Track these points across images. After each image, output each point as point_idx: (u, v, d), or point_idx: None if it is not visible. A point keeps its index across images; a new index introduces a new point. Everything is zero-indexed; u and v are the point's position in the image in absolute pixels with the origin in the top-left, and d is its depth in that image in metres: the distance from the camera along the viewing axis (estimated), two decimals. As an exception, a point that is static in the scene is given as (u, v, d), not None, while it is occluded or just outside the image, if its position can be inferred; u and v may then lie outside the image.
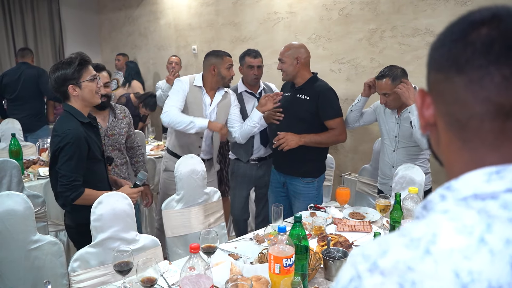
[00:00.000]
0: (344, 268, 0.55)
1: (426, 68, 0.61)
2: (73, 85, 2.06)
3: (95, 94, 2.13)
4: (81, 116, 2.11)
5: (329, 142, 2.81)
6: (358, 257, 0.53)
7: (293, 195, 2.87)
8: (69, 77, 2.04)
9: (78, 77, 2.06)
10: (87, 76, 2.09)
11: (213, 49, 3.05)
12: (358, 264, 0.52)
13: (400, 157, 2.68)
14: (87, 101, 2.12)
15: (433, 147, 0.65)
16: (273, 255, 1.53)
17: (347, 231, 2.20)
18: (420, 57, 3.09)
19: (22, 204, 2.06)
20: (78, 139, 2.03)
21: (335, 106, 2.73)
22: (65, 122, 2.08)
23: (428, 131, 0.63)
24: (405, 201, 2.04)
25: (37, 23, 6.93)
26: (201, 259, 1.45)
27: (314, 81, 2.76)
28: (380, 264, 0.50)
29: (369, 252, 0.52)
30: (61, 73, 2.05)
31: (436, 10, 3.01)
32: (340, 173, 3.79)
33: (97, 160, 2.20)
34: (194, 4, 5.32)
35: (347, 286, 0.52)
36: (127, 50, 6.75)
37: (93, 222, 1.93)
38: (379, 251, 0.51)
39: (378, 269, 0.50)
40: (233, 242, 2.15)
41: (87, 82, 2.09)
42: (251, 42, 4.56)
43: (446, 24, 0.59)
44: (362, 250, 0.54)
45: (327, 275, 1.76)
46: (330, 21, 3.76)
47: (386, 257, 0.50)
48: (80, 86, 2.08)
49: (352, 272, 0.52)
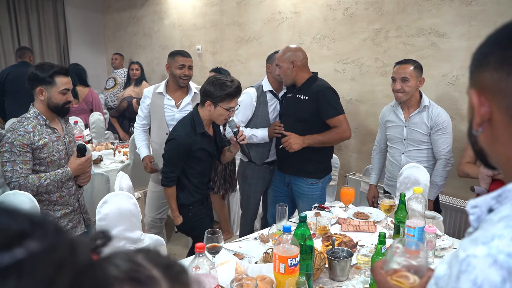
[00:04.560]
0: (478, 273, 0.55)
1: (474, 70, 0.68)
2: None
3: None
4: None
5: (334, 141, 2.78)
6: (502, 256, 0.54)
7: (297, 195, 2.87)
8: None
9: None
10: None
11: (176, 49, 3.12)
12: (507, 263, 0.53)
13: (409, 160, 2.69)
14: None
15: (484, 143, 0.69)
16: (278, 254, 1.53)
17: (351, 231, 2.20)
18: (425, 56, 3.08)
19: (28, 204, 2.07)
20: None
21: (335, 104, 2.69)
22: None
23: (481, 128, 0.68)
24: (409, 201, 2.04)
25: (42, 23, 6.95)
26: (206, 259, 1.46)
27: (313, 81, 2.75)
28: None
29: (511, 249, 0.54)
30: (210, 89, 2.36)
31: (441, 10, 3.00)
32: (344, 173, 3.79)
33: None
34: (198, 4, 5.32)
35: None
36: (132, 50, 6.77)
37: (98, 222, 1.94)
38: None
39: None
40: (238, 241, 2.16)
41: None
42: (255, 42, 4.57)
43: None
44: (496, 249, 0.55)
45: (332, 275, 1.76)
46: (334, 21, 3.76)
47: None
48: (215, 106, 2.38)
49: (502, 272, 0.53)
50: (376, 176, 2.99)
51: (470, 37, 2.87)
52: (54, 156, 2.26)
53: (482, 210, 0.64)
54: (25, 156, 2.13)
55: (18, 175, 2.11)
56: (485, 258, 0.55)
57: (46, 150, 2.22)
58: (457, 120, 2.98)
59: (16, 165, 2.11)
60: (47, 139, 2.23)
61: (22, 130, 2.15)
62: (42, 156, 2.21)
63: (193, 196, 2.49)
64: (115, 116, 4.95)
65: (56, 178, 2.20)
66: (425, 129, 2.64)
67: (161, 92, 2.99)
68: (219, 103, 2.32)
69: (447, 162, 2.64)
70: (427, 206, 2.34)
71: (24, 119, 2.21)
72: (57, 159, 2.28)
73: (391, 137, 2.82)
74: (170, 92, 3.02)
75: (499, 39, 0.65)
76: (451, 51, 2.99)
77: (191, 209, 2.52)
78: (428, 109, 2.64)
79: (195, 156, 2.41)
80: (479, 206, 0.64)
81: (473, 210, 0.65)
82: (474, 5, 2.83)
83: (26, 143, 2.13)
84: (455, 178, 2.87)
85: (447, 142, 2.63)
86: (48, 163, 2.24)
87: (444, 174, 2.66)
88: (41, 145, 2.19)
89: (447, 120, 2.63)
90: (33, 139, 2.16)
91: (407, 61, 2.64)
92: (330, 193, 3.51)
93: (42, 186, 2.16)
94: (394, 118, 2.78)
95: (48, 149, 2.23)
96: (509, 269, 0.53)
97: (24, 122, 2.19)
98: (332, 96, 2.71)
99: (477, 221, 0.65)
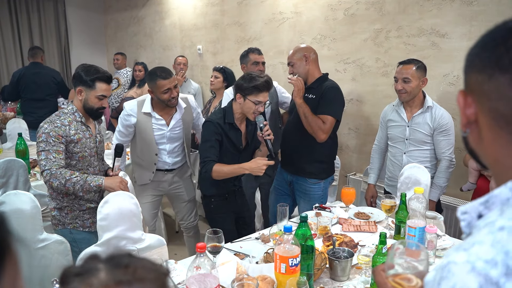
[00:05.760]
0: (457, 280, 0.55)
1: (465, 71, 0.68)
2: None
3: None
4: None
5: (310, 125, 2.61)
6: (480, 263, 0.54)
7: (298, 194, 2.87)
8: None
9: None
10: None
11: (158, 66, 2.87)
12: (484, 270, 0.54)
13: (411, 160, 2.68)
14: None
15: (473, 144, 0.70)
16: (279, 254, 1.53)
17: (352, 231, 2.20)
18: (426, 57, 3.08)
19: (29, 203, 2.07)
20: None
21: (334, 105, 2.66)
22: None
23: (468, 129, 0.69)
24: (410, 201, 2.04)
25: (43, 24, 6.96)
26: (207, 259, 1.45)
27: (323, 80, 2.74)
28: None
29: (489, 256, 0.54)
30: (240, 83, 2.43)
31: (442, 10, 3.00)
32: (345, 173, 3.79)
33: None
34: (199, 4, 5.32)
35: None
36: (133, 50, 6.78)
37: (100, 222, 1.94)
38: (502, 252, 0.54)
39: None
40: (239, 241, 2.16)
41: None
42: (256, 42, 4.56)
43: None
44: (475, 256, 0.55)
45: (333, 275, 1.76)
46: (335, 21, 3.75)
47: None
48: (245, 99, 2.44)
49: (479, 279, 0.54)
50: (375, 175, 2.99)
51: (471, 37, 2.87)
52: (85, 152, 2.34)
53: (472, 216, 0.64)
54: (58, 147, 2.20)
55: (51, 163, 2.17)
56: (464, 264, 0.56)
57: (79, 145, 2.30)
58: (458, 121, 2.98)
59: (50, 154, 2.18)
60: (81, 135, 2.31)
61: (59, 122, 2.24)
62: (75, 151, 2.29)
63: (215, 189, 2.57)
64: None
65: (87, 179, 2.20)
66: (428, 129, 2.64)
67: (149, 113, 2.78)
68: (248, 96, 2.40)
69: (450, 163, 2.64)
70: (428, 206, 2.34)
71: (62, 113, 2.30)
72: (88, 155, 2.36)
73: (392, 136, 2.82)
74: (157, 110, 2.80)
75: (486, 41, 0.65)
76: (452, 51, 2.99)
77: (213, 201, 2.61)
78: (431, 110, 2.63)
79: (221, 145, 2.48)
80: (469, 212, 0.65)
81: (463, 217, 0.65)
82: (475, 5, 2.83)
83: (61, 135, 2.21)
84: (456, 178, 2.87)
85: (450, 144, 2.63)
86: (79, 158, 2.32)
87: (447, 175, 2.66)
88: (75, 140, 2.27)
89: (450, 121, 2.63)
90: (68, 132, 2.25)
91: (410, 61, 2.64)
92: (331, 193, 3.51)
93: (71, 182, 2.17)
94: (396, 117, 2.78)
95: (81, 144, 2.31)
96: (486, 276, 0.53)
97: (61, 116, 2.28)
98: (336, 97, 2.68)
99: (468, 227, 0.65)
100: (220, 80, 3.76)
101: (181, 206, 3.09)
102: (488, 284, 0.53)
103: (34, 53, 5.01)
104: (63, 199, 2.32)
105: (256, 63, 3.15)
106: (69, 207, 2.34)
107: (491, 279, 0.53)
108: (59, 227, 2.36)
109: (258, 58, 3.17)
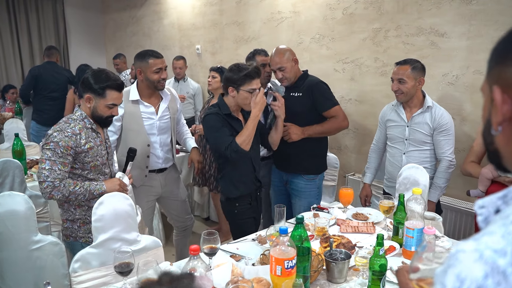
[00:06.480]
0: (463, 267, 0.55)
1: (498, 66, 0.64)
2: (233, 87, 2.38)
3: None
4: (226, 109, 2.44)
5: (333, 130, 2.82)
6: (488, 252, 0.54)
7: (294, 193, 2.87)
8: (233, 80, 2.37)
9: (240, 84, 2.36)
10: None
11: (144, 50, 2.79)
12: (491, 259, 0.53)
13: (410, 160, 2.66)
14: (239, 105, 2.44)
15: (501, 144, 0.65)
16: (275, 256, 1.51)
17: (350, 232, 2.18)
18: (425, 56, 3.06)
19: (23, 205, 2.06)
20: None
21: (329, 96, 2.75)
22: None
23: (500, 127, 0.64)
24: (409, 202, 2.02)
25: (42, 23, 6.95)
26: (201, 261, 1.44)
27: (305, 77, 2.78)
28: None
29: (499, 246, 0.54)
30: (229, 75, 2.40)
31: (441, 9, 2.98)
32: (344, 174, 3.77)
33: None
34: (197, 4, 5.31)
35: (483, 283, 0.53)
36: (131, 50, 6.75)
37: (94, 223, 1.92)
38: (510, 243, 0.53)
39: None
40: (236, 243, 2.14)
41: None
42: (254, 42, 4.55)
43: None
44: (484, 244, 0.55)
45: (330, 277, 1.74)
46: (334, 21, 3.74)
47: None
48: (238, 91, 2.38)
49: (486, 268, 0.53)
50: (371, 175, 2.98)
51: (470, 37, 2.85)
52: (97, 161, 2.23)
53: (490, 210, 0.62)
54: (65, 159, 2.08)
55: (55, 175, 2.06)
56: (472, 253, 0.55)
57: (91, 154, 2.18)
58: (458, 120, 2.96)
59: (55, 165, 2.06)
60: (93, 143, 2.19)
61: (69, 131, 2.11)
62: (86, 160, 2.17)
63: (239, 190, 2.47)
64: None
65: (89, 188, 2.14)
66: (428, 129, 2.62)
67: (137, 100, 2.69)
68: (241, 87, 2.36)
69: (450, 164, 2.62)
70: (426, 207, 2.32)
71: (71, 120, 2.17)
72: (100, 164, 2.25)
73: (392, 136, 2.79)
74: (145, 98, 2.72)
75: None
76: (451, 51, 2.97)
77: (237, 206, 2.49)
78: (431, 110, 2.61)
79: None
80: (486, 207, 0.63)
81: (481, 211, 0.63)
82: (474, 4, 2.81)
83: (71, 146, 2.09)
84: (456, 178, 2.85)
85: (450, 144, 2.61)
86: (91, 167, 2.21)
87: (447, 176, 2.64)
88: (86, 149, 2.15)
89: (450, 121, 2.61)
90: (79, 141, 2.13)
91: (406, 62, 2.61)
92: (329, 194, 3.50)
93: (74, 193, 2.10)
94: (395, 117, 2.75)
95: (93, 153, 2.19)
96: (493, 264, 0.53)
97: (71, 123, 2.15)
98: (326, 89, 2.76)
99: (485, 222, 0.63)
100: (218, 80, 3.74)
101: (178, 206, 3.06)
102: (494, 273, 0.52)
103: (50, 53, 5.07)
104: (75, 210, 2.23)
105: (264, 65, 3.07)
106: (81, 219, 2.24)
107: (498, 267, 0.52)
108: (70, 239, 2.26)
109: (266, 59, 3.09)
